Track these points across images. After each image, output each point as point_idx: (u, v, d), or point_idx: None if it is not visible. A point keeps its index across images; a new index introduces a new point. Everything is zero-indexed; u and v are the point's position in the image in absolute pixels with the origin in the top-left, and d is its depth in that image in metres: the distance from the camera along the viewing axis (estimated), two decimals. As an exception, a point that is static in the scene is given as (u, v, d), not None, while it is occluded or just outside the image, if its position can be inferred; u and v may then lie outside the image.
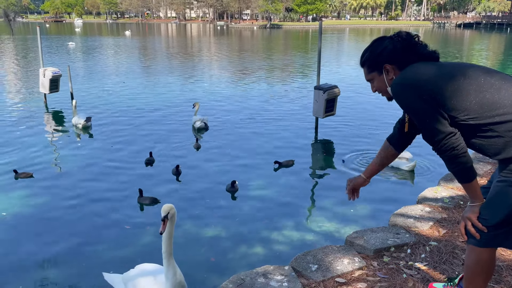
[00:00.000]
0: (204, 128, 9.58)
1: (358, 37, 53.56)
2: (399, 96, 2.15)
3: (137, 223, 5.25)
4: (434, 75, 2.08)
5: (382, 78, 2.26)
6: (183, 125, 9.99)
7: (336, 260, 3.16)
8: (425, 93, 2.04)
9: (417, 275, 2.99)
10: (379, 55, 2.23)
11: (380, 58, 2.22)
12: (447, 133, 2.03)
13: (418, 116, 2.11)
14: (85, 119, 9.51)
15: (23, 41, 40.23)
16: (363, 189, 6.53)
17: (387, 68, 2.22)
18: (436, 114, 2.04)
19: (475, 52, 32.02)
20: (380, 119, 10.64)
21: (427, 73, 2.09)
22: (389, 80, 2.24)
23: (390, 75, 2.23)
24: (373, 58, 2.26)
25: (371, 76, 2.30)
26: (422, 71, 2.11)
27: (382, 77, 2.26)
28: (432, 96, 2.03)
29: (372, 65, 2.27)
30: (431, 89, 2.04)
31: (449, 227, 3.66)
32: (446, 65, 2.15)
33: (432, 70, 2.10)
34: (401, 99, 2.14)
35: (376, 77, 2.28)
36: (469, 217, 2.17)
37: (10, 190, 6.21)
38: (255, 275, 3.01)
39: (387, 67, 2.22)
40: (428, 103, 2.04)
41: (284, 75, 19.24)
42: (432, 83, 2.05)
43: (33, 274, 4.20)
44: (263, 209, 5.66)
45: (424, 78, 2.08)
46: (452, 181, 4.76)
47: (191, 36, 57.49)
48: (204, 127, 9.60)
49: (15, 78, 17.77)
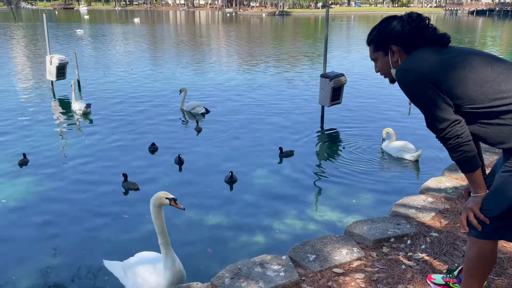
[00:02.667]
0: (204, 113, 9.66)
1: (367, 24, 52.87)
2: (404, 83, 2.09)
3: (135, 211, 5.24)
4: (440, 62, 2.01)
5: (386, 59, 2.20)
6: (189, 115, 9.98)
7: (334, 250, 3.13)
8: (429, 81, 1.99)
9: (416, 266, 2.95)
10: (386, 34, 2.17)
11: (387, 38, 2.16)
12: (452, 121, 1.98)
13: (422, 103, 2.05)
14: (85, 105, 9.63)
15: (32, 28, 40.34)
16: (366, 180, 6.49)
17: (393, 49, 2.16)
18: (440, 102, 1.99)
19: (488, 39, 31.44)
20: (387, 108, 10.52)
21: (433, 60, 2.03)
22: (393, 62, 2.18)
23: (395, 57, 2.17)
24: (380, 37, 2.19)
25: (376, 55, 2.24)
26: (428, 58, 2.05)
27: (387, 59, 2.19)
28: (437, 85, 1.98)
29: (378, 44, 2.20)
30: (436, 77, 1.99)
31: (451, 218, 3.60)
32: (454, 51, 2.08)
33: (439, 58, 2.04)
34: (405, 86, 2.09)
35: (381, 57, 2.22)
36: (471, 208, 2.11)
37: (13, 177, 6.26)
38: (252, 264, 2.99)
39: (393, 48, 2.15)
40: (432, 91, 1.99)
41: (290, 63, 19.08)
42: (437, 71, 1.99)
43: (33, 260, 4.23)
44: (265, 198, 5.64)
45: (429, 65, 2.02)
46: (456, 171, 4.68)
47: (200, 23, 57.21)
48: (205, 111, 9.69)
49: (23, 65, 17.84)
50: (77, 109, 9.70)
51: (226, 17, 77.65)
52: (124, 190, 5.83)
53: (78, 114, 9.68)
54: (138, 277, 3.42)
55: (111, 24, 50.63)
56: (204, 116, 9.66)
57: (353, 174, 6.40)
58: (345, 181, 6.17)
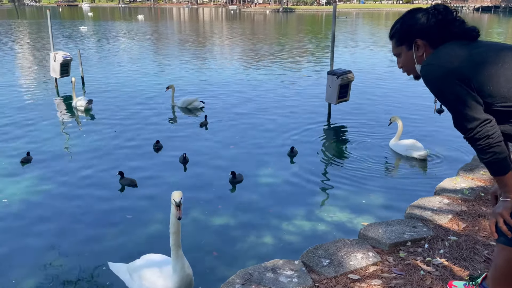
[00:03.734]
0: (202, 108, 9.75)
1: (371, 22, 52.56)
2: (430, 79, 1.95)
3: (138, 212, 5.13)
4: (469, 58, 1.88)
5: (410, 54, 2.05)
6: (192, 110, 9.86)
7: (349, 255, 3.00)
8: (458, 77, 1.85)
9: (435, 272, 2.81)
10: (410, 27, 2.02)
11: (412, 31, 2.02)
12: (482, 120, 1.85)
13: (449, 101, 1.92)
14: (87, 102, 9.61)
15: (36, 25, 40.31)
16: (375, 179, 6.35)
17: (417, 43, 2.01)
18: (469, 100, 1.85)
19: (494, 35, 31.12)
20: (395, 105, 10.36)
21: (461, 56, 1.89)
22: (418, 56, 2.04)
23: (420, 51, 2.03)
24: (404, 30, 2.05)
25: (399, 50, 2.09)
26: (456, 53, 1.91)
27: (411, 53, 2.05)
28: (466, 81, 1.85)
29: (402, 38, 2.06)
30: (465, 73, 1.85)
31: (470, 220, 3.47)
32: (484, 45, 1.94)
33: (468, 52, 1.90)
34: (432, 83, 1.95)
35: (404, 52, 2.07)
36: (501, 213, 1.98)
37: (15, 176, 6.17)
38: (263, 269, 2.87)
39: (418, 42, 2.01)
40: (461, 88, 1.85)
41: (296, 60, 18.91)
42: (466, 67, 1.86)
43: (36, 261, 4.13)
44: (271, 198, 5.51)
45: (458, 60, 1.88)
46: (472, 171, 4.54)
47: (203, 21, 57.05)
48: (203, 105, 9.81)
49: (27, 62, 17.77)
50: (79, 105, 9.68)
51: (229, 14, 77.43)
52: (121, 186, 5.80)
53: (79, 111, 9.65)
54: (144, 281, 3.31)
55: (115, 21, 50.55)
56: (202, 110, 9.72)
57: (361, 173, 6.26)
58: (353, 180, 6.03)
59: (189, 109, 9.86)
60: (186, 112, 9.76)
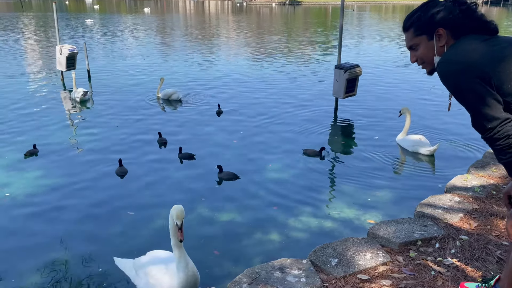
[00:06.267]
0: (179, 100, 9.98)
1: (378, 14, 52.09)
2: (447, 76, 1.86)
3: (141, 208, 5.07)
4: (490, 54, 1.80)
5: (431, 44, 1.95)
6: (202, 105, 9.81)
7: (358, 254, 2.94)
8: (478, 75, 1.78)
9: (446, 273, 2.75)
10: (433, 16, 1.92)
11: (434, 19, 1.92)
12: (502, 120, 1.78)
13: (468, 100, 1.84)
14: (82, 93, 9.74)
15: (42, 18, 40.31)
16: (382, 175, 6.26)
17: (440, 32, 1.91)
18: (489, 98, 1.78)
19: (502, 30, 30.71)
20: (403, 100, 10.24)
21: (481, 51, 1.81)
22: (439, 47, 1.94)
23: (441, 41, 1.93)
24: (426, 19, 1.94)
25: (418, 40, 1.98)
26: (475, 48, 1.83)
27: (432, 44, 1.95)
28: (486, 79, 1.77)
29: (422, 27, 1.95)
30: (485, 70, 1.77)
31: (481, 219, 3.39)
32: (504, 41, 1.85)
33: (488, 48, 1.82)
34: (449, 79, 1.86)
35: (424, 43, 1.97)
36: None
37: (20, 169, 6.16)
38: (270, 268, 2.82)
39: (440, 31, 1.91)
40: (481, 86, 1.78)
41: (303, 54, 18.75)
42: (487, 64, 1.78)
43: (40, 256, 4.10)
44: (279, 194, 5.44)
45: (478, 57, 1.80)
46: (483, 168, 4.45)
47: (209, 14, 56.81)
48: (181, 98, 10.02)
49: (33, 55, 17.76)
50: (75, 97, 9.85)
51: (236, 7, 77.04)
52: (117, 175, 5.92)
53: (77, 102, 9.80)
54: (150, 278, 3.28)
55: (121, 14, 50.45)
56: (181, 103, 9.87)
57: (368, 169, 6.18)
58: (360, 176, 5.96)
59: (169, 101, 10.00)
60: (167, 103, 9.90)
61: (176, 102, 9.94)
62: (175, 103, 9.88)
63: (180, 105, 9.80)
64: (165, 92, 10.08)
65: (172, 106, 9.75)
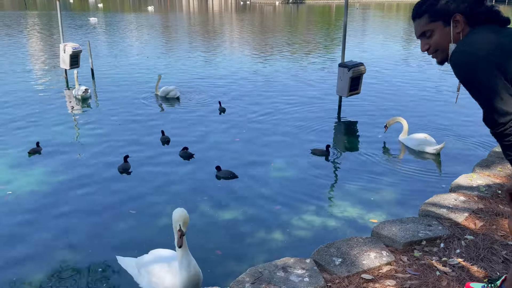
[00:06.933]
0: (177, 98, 9.96)
1: (382, 12, 51.88)
2: (461, 67, 1.80)
3: (144, 207, 5.06)
4: (506, 46, 1.74)
5: (447, 31, 1.87)
6: (206, 103, 9.79)
7: (362, 254, 2.92)
8: (495, 67, 1.72)
9: (451, 273, 2.72)
10: (448, 1, 1.86)
11: (451, 5, 1.86)
12: None
13: (481, 92, 1.78)
14: (83, 91, 9.76)
15: (46, 16, 40.39)
16: (387, 174, 6.23)
17: (456, 18, 1.85)
18: (504, 92, 1.72)
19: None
20: (407, 98, 10.19)
21: (496, 43, 1.75)
22: (455, 34, 1.87)
23: (458, 28, 1.86)
24: (443, 3, 1.87)
25: (432, 26, 1.91)
26: (491, 39, 1.77)
27: (448, 30, 1.87)
28: (502, 71, 1.71)
29: (439, 12, 1.88)
30: (500, 62, 1.72)
31: (487, 219, 3.36)
32: None
33: (503, 40, 1.76)
34: (463, 71, 1.80)
35: (439, 29, 1.90)
36: None
37: (24, 166, 6.16)
38: (273, 268, 2.80)
39: (457, 17, 1.85)
40: (496, 78, 1.72)
41: (307, 52, 18.69)
42: (502, 56, 1.72)
43: (43, 254, 4.10)
44: (282, 192, 5.42)
45: (493, 48, 1.74)
46: (488, 167, 4.41)
47: (213, 12, 56.76)
48: (178, 95, 10.02)
49: (36, 53, 17.78)
50: (77, 94, 9.87)
51: (239, 5, 76.93)
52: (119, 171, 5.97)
53: (78, 100, 9.82)
54: (153, 276, 3.27)
55: (125, 13, 50.47)
56: (179, 100, 9.86)
57: (372, 168, 6.15)
58: (364, 175, 5.93)
59: (167, 99, 10.01)
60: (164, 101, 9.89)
61: (174, 100, 9.92)
62: (172, 101, 9.86)
63: (178, 103, 9.77)
64: (164, 89, 10.07)
65: (171, 103, 9.72)
